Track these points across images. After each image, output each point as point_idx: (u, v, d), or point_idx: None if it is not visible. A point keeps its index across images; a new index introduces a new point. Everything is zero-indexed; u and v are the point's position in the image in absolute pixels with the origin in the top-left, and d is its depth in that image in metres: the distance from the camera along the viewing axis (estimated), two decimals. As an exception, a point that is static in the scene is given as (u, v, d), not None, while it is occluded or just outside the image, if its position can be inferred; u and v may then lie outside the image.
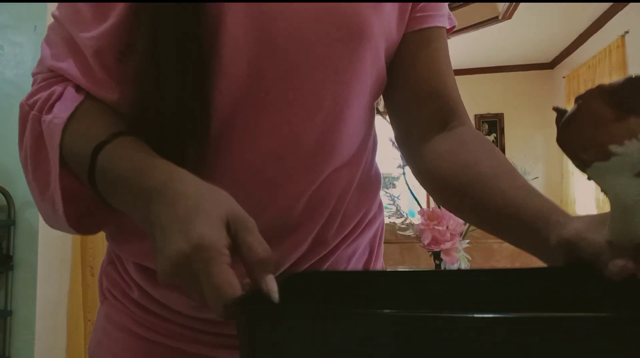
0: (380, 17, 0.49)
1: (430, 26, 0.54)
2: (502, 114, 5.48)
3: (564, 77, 4.97)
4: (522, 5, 3.68)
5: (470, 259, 1.41)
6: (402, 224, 1.45)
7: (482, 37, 4.37)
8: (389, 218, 1.76)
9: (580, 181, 4.61)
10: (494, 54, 5.08)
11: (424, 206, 1.41)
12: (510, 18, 3.85)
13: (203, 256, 0.32)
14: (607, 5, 3.88)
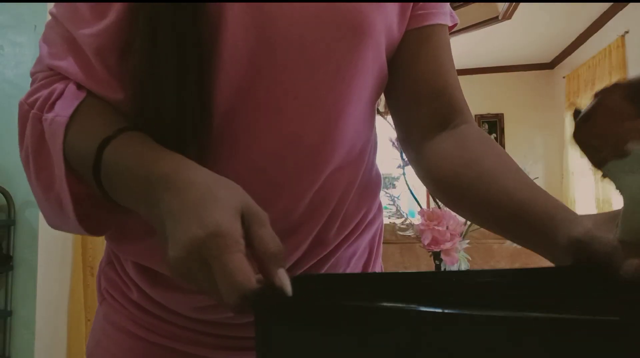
0: (381, 15, 0.48)
1: (431, 24, 0.53)
2: (502, 114, 5.48)
3: (564, 77, 4.97)
4: (522, 5, 3.68)
5: (470, 259, 1.41)
6: (402, 224, 1.45)
7: (482, 37, 4.37)
8: (389, 218, 1.76)
9: (580, 181, 4.61)
10: (494, 54, 5.08)
11: (424, 206, 1.41)
12: (510, 18, 3.85)
13: (218, 243, 0.31)
14: (607, 5, 3.88)
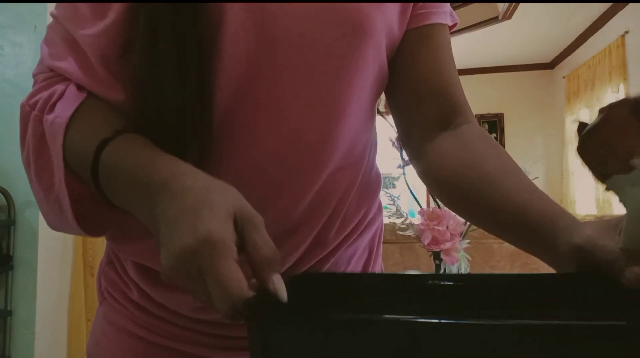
0: (381, 14, 0.48)
1: (431, 23, 0.53)
2: (502, 114, 5.48)
3: (564, 77, 4.97)
4: (522, 5, 3.68)
5: (470, 259, 1.41)
6: (402, 224, 1.45)
7: (482, 37, 4.37)
8: (389, 218, 1.76)
9: (580, 181, 4.61)
10: (494, 54, 5.08)
11: (424, 206, 1.41)
12: (510, 18, 3.85)
13: (210, 251, 0.30)
14: (607, 5, 3.88)
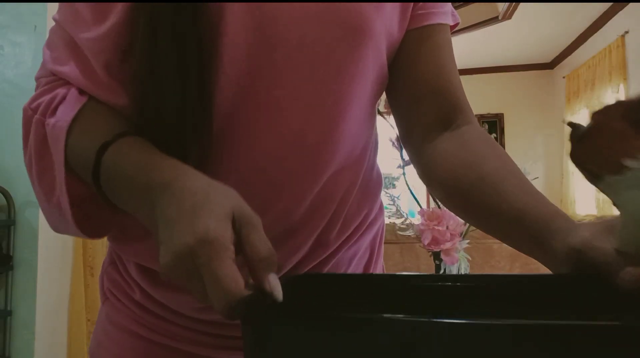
0: (381, 16, 0.48)
1: (432, 23, 0.53)
2: (502, 114, 5.48)
3: (564, 77, 4.97)
4: (522, 5, 3.69)
5: (470, 259, 1.41)
6: (402, 224, 1.45)
7: (482, 37, 4.37)
8: (389, 218, 1.76)
9: (580, 181, 4.61)
10: (494, 54, 5.08)
11: (424, 206, 1.41)
12: (510, 18, 3.86)
13: (207, 250, 0.31)
14: (607, 5, 3.88)
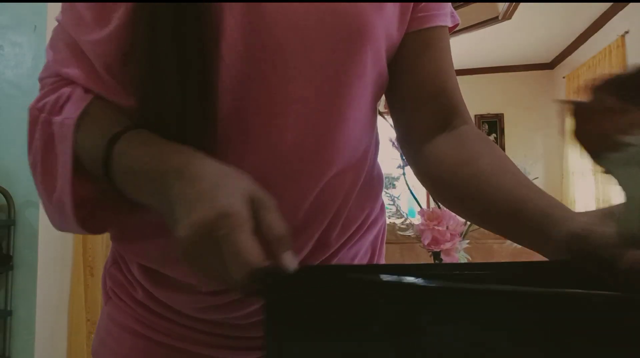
0: (381, 18, 0.48)
1: (432, 26, 0.53)
2: (502, 114, 5.48)
3: (564, 77, 4.97)
4: (522, 5, 3.68)
5: (470, 259, 1.41)
6: (402, 224, 1.45)
7: (482, 37, 4.37)
8: (389, 218, 1.76)
9: (580, 181, 4.61)
10: (494, 54, 5.08)
11: (424, 206, 1.41)
12: (510, 18, 3.85)
13: (228, 222, 0.32)
14: (607, 5, 3.88)
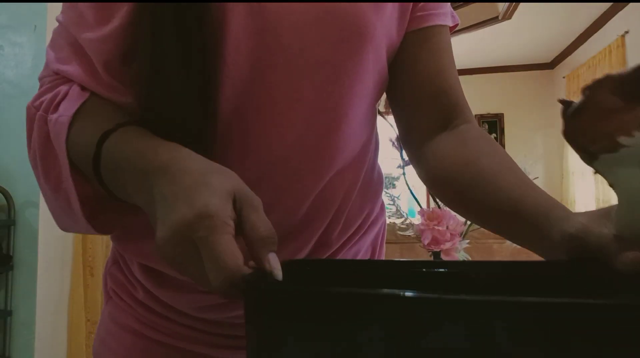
0: (381, 18, 0.48)
1: (431, 24, 0.54)
2: (502, 114, 5.48)
3: (564, 77, 4.97)
4: (522, 5, 3.69)
5: (470, 259, 1.41)
6: (402, 224, 1.45)
7: (482, 37, 4.37)
8: (389, 218, 1.76)
9: (580, 181, 4.61)
10: (494, 54, 5.08)
11: (424, 206, 1.41)
12: (510, 18, 3.86)
13: (207, 224, 0.30)
14: (607, 5, 3.88)
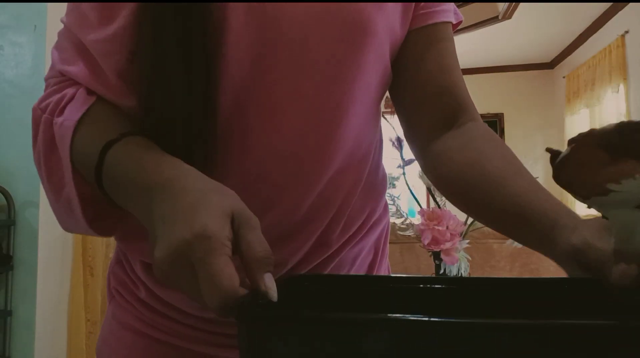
0: (383, 15, 0.48)
1: (435, 22, 0.54)
2: (502, 114, 5.48)
3: (564, 77, 4.97)
4: (522, 5, 3.69)
5: (470, 259, 1.41)
6: (402, 224, 1.45)
7: (482, 37, 4.37)
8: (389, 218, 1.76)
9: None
10: (494, 54, 5.08)
11: (424, 206, 1.41)
12: (510, 18, 3.86)
13: (204, 245, 0.31)
14: (607, 5, 3.88)
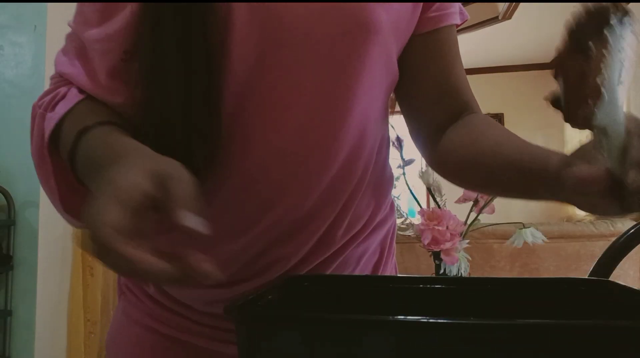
0: (387, 11, 0.49)
1: (445, 25, 0.55)
2: (502, 114, 5.47)
3: (564, 77, 4.97)
4: (522, 5, 3.69)
5: (470, 259, 1.41)
6: (402, 224, 1.45)
7: (482, 37, 4.37)
8: (389, 218, 1.76)
9: (580, 181, 4.60)
10: (494, 54, 5.08)
11: (424, 206, 1.41)
12: (510, 18, 3.86)
13: (104, 235, 0.29)
14: (607, 5, 3.88)
